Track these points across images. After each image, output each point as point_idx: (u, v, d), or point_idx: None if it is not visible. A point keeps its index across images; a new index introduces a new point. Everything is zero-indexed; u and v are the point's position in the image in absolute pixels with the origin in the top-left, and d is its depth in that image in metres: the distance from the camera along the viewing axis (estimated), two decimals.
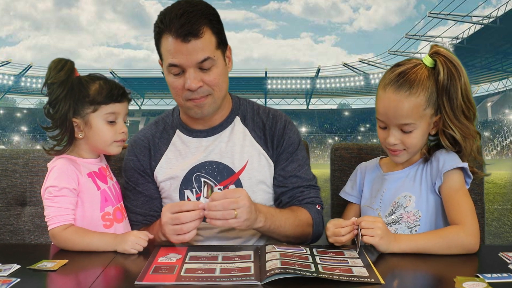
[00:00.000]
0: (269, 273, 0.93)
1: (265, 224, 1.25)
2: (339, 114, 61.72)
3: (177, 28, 1.23)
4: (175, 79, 1.31)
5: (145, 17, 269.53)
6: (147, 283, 0.92)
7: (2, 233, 1.69)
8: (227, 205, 1.13)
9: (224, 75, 1.34)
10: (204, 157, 1.41)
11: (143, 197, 1.46)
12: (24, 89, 56.70)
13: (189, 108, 1.36)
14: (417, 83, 1.21)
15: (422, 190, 1.27)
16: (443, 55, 1.23)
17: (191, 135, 1.45)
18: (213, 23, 1.29)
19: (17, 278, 0.94)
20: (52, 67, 1.32)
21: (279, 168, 1.44)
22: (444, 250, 1.11)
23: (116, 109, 1.37)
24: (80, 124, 1.35)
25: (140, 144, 1.48)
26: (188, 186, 1.41)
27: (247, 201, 1.15)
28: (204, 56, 1.26)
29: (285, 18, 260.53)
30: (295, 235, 1.35)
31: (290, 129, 1.47)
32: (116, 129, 1.37)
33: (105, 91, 1.35)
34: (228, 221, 1.13)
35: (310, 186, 1.46)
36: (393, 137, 1.25)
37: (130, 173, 1.47)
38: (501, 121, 45.85)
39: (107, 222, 1.37)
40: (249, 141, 1.44)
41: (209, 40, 1.27)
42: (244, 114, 1.48)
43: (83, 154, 1.40)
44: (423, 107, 1.22)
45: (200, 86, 1.29)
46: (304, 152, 1.49)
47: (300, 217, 1.37)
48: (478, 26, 36.24)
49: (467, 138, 1.23)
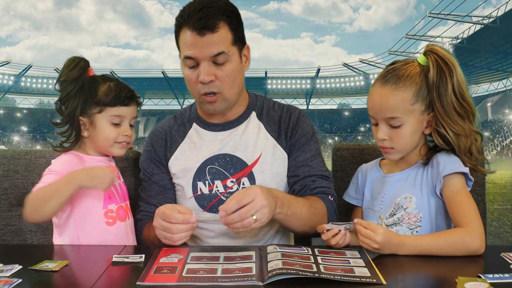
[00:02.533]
0: (271, 273, 0.93)
1: (282, 211, 1.23)
2: (339, 114, 61.70)
3: (194, 21, 1.27)
4: (190, 72, 1.34)
5: (145, 17, 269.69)
6: (149, 283, 0.93)
7: (4, 234, 1.69)
8: (244, 215, 1.11)
9: (238, 72, 1.36)
10: (218, 150, 1.43)
11: (157, 187, 1.47)
12: (24, 89, 56.66)
13: (202, 103, 1.39)
14: (404, 78, 1.22)
15: (423, 192, 1.27)
16: (435, 53, 1.23)
17: (207, 128, 1.48)
18: (231, 19, 1.32)
19: (19, 279, 0.94)
20: (66, 65, 1.35)
21: (291, 158, 1.45)
22: (449, 252, 1.11)
23: (122, 112, 1.38)
24: (86, 123, 1.37)
25: (158, 135, 1.52)
26: (201, 178, 1.42)
27: (263, 199, 1.12)
28: (218, 50, 1.29)
29: (285, 18, 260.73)
30: (310, 224, 1.32)
31: (303, 121, 1.49)
32: (119, 131, 1.38)
33: (113, 93, 1.37)
34: (251, 227, 1.12)
35: (323, 177, 1.45)
36: (382, 132, 1.26)
37: (147, 163, 1.50)
38: (501, 121, 45.82)
39: (109, 220, 1.38)
40: (263, 135, 1.46)
41: (225, 35, 1.30)
42: (260, 109, 1.51)
43: (90, 153, 1.42)
44: (410, 102, 1.22)
45: (212, 80, 1.32)
46: (317, 144, 1.50)
47: (315, 205, 1.35)
48: (478, 26, 36.25)
49: (460, 136, 1.22)
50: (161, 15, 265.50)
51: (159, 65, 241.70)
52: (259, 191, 1.13)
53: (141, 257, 1.10)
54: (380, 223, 1.30)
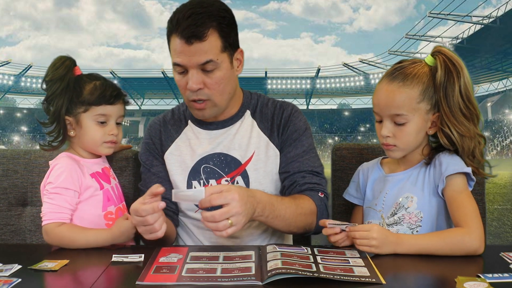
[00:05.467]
0: (270, 273, 0.93)
1: (263, 214, 1.20)
2: (339, 114, 61.73)
3: (183, 29, 1.25)
4: (180, 78, 1.33)
5: (145, 17, 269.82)
6: (148, 283, 0.92)
7: (3, 233, 1.69)
8: (218, 217, 1.06)
9: (228, 78, 1.34)
10: (212, 149, 1.43)
11: (156, 178, 1.46)
12: (24, 89, 56.72)
13: (191, 108, 1.39)
14: (412, 76, 1.23)
15: (425, 192, 1.27)
16: (443, 54, 1.24)
17: (202, 127, 1.47)
18: (222, 26, 1.29)
19: (18, 278, 0.94)
20: (52, 64, 1.35)
21: (283, 154, 1.44)
22: (447, 252, 1.11)
23: (107, 111, 1.37)
24: (72, 123, 1.37)
25: (154, 127, 1.52)
26: (196, 177, 1.41)
27: (238, 206, 1.08)
28: (206, 58, 1.27)
29: (285, 18, 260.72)
30: (297, 224, 1.31)
31: (296, 116, 1.47)
32: (105, 131, 1.38)
33: (98, 91, 1.36)
34: (227, 231, 1.07)
35: (313, 172, 1.42)
36: (386, 129, 1.26)
37: (146, 155, 1.50)
38: (501, 121, 45.86)
39: (109, 222, 1.38)
40: (256, 133, 1.45)
41: (214, 43, 1.28)
42: (254, 107, 1.50)
43: (82, 154, 1.41)
44: (416, 100, 1.22)
45: (201, 88, 1.31)
46: (310, 140, 1.47)
47: (302, 205, 1.32)
48: (478, 26, 36.27)
49: (464, 137, 1.22)
50: (161, 15, 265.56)
51: (159, 65, 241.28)
52: (237, 197, 1.08)
53: (140, 256, 1.10)
54: (382, 222, 1.30)
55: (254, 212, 1.17)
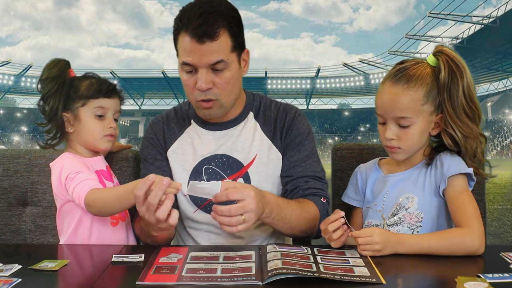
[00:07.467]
0: (271, 273, 0.93)
1: (270, 216, 1.21)
2: (339, 114, 61.74)
3: (194, 28, 1.23)
4: (188, 77, 1.32)
5: (145, 17, 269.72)
6: (148, 283, 0.92)
7: (3, 233, 1.69)
8: (234, 211, 1.07)
9: (236, 78, 1.34)
10: (215, 150, 1.42)
11: (160, 172, 1.44)
12: (24, 89, 56.71)
13: (198, 108, 1.38)
14: (415, 78, 1.22)
15: (426, 192, 1.26)
16: (446, 54, 1.23)
17: (205, 127, 1.47)
18: (232, 25, 1.29)
19: (19, 278, 0.94)
20: (47, 65, 1.38)
21: (285, 158, 1.44)
22: (448, 252, 1.11)
23: (105, 104, 1.40)
24: (70, 119, 1.39)
25: (158, 124, 1.52)
26: (197, 178, 1.41)
27: (254, 203, 1.10)
28: (217, 58, 1.27)
29: (285, 18, 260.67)
30: (300, 228, 1.31)
31: (299, 120, 1.47)
32: (104, 124, 1.39)
33: (94, 86, 1.39)
34: (237, 227, 1.09)
35: (316, 178, 1.43)
36: (390, 131, 1.25)
37: (149, 150, 1.49)
38: (501, 121, 45.86)
39: (113, 220, 1.40)
40: (259, 135, 1.45)
41: (225, 43, 1.27)
42: (257, 109, 1.49)
43: (82, 152, 1.42)
44: (420, 102, 1.22)
45: (210, 88, 1.30)
46: (313, 144, 1.48)
47: (307, 209, 1.33)
48: (478, 26, 36.27)
49: (468, 138, 1.22)
50: (161, 15, 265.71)
51: (159, 65, 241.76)
52: (253, 194, 1.10)
53: (140, 256, 1.10)
54: (382, 223, 1.30)
55: (263, 212, 1.17)
